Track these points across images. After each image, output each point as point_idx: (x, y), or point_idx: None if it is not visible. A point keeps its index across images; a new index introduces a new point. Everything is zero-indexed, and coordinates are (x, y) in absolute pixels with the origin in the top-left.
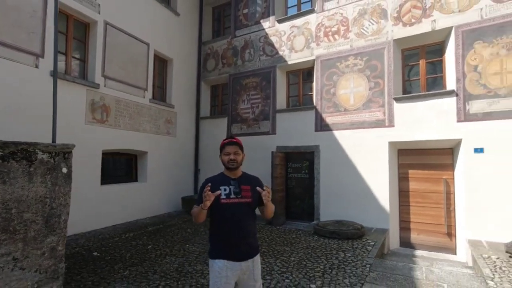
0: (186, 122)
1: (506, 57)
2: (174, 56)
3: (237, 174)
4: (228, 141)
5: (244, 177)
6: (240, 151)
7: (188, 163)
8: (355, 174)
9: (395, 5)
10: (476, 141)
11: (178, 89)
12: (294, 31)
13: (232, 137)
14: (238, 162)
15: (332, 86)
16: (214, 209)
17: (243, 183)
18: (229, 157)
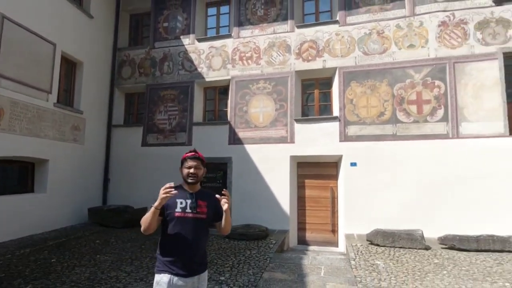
0: (96, 129)
1: (370, 95)
2: (85, 60)
3: (195, 189)
4: (191, 155)
5: (202, 193)
6: (202, 166)
7: (96, 172)
8: (263, 183)
9: (297, 43)
10: (352, 157)
11: (89, 94)
12: (212, 51)
13: (195, 151)
14: (198, 177)
15: (244, 105)
16: (167, 221)
17: (200, 198)
18: (190, 171)
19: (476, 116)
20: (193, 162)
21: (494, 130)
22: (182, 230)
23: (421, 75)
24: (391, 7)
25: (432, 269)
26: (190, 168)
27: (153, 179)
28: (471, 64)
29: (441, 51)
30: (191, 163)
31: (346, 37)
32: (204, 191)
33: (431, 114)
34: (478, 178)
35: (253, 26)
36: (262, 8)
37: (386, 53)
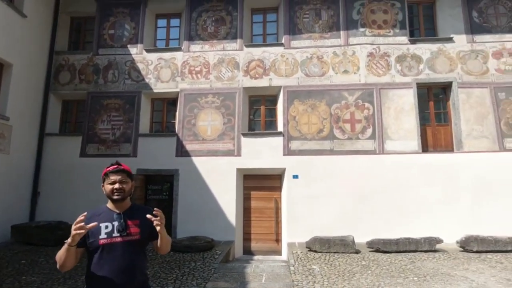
0: (24, 137)
1: (311, 113)
2: (15, 61)
3: (124, 207)
4: (112, 168)
5: (133, 210)
6: (129, 179)
7: (23, 185)
8: (209, 195)
9: (245, 61)
10: (294, 170)
11: (18, 99)
12: (161, 63)
13: (117, 163)
14: (126, 192)
15: (193, 117)
16: (91, 252)
17: (131, 217)
18: (114, 187)
19: (397, 135)
20: (117, 176)
21: (411, 148)
22: (111, 259)
23: (354, 98)
24: (329, 36)
25: (359, 270)
26: (114, 183)
27: (92, 192)
28: (393, 91)
29: (369, 78)
30: (115, 177)
31: (290, 59)
32: (136, 206)
33: (362, 132)
34: (398, 188)
35: (203, 41)
36: (212, 25)
37: (325, 76)
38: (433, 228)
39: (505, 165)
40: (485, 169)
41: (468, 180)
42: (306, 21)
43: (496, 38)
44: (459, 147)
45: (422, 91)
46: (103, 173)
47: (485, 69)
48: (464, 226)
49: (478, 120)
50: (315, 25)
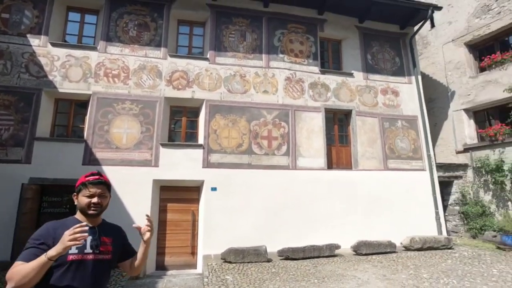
0: None
1: (231, 128)
2: None
3: (96, 222)
4: (93, 179)
5: (105, 226)
6: (108, 193)
7: None
8: (121, 208)
9: (169, 71)
10: (213, 182)
11: None
12: (71, 61)
13: (99, 174)
14: (103, 207)
15: (106, 124)
16: (53, 267)
17: (104, 233)
18: (92, 200)
19: (308, 153)
20: (97, 189)
21: (319, 165)
22: (79, 278)
23: (272, 116)
24: (252, 57)
25: (269, 277)
26: (92, 196)
27: None
28: (305, 113)
29: (286, 100)
30: (94, 189)
31: (215, 74)
32: (108, 224)
33: (277, 148)
34: (307, 201)
35: (123, 44)
36: (135, 29)
37: (246, 93)
38: (335, 235)
39: (387, 181)
40: (374, 184)
41: (362, 194)
42: (232, 40)
43: (383, 78)
44: (356, 166)
45: (329, 115)
46: (79, 182)
47: (375, 102)
48: (358, 233)
49: (370, 143)
50: (240, 45)
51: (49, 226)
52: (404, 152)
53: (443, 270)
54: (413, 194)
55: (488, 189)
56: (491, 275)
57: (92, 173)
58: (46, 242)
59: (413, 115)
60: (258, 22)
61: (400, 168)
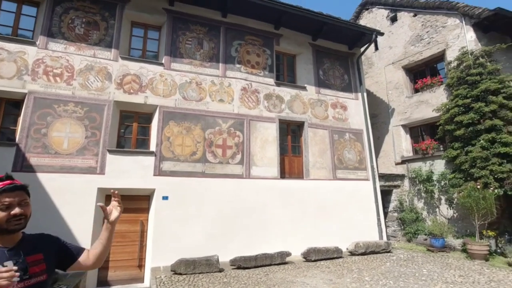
0: None
1: (186, 135)
2: None
3: (15, 240)
4: (7, 185)
5: (29, 241)
6: (29, 198)
7: None
8: (58, 219)
9: (120, 73)
10: (165, 191)
11: None
12: (2, 54)
13: (11, 177)
14: (28, 218)
15: (44, 126)
16: None
17: (30, 250)
18: (13, 212)
19: (262, 162)
20: (15, 197)
21: (272, 174)
22: None
23: (227, 125)
24: (209, 66)
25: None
26: (10, 206)
27: None
28: (260, 123)
29: (241, 109)
30: (11, 198)
31: (169, 80)
32: (30, 236)
33: (232, 157)
34: (260, 209)
35: (68, 42)
36: (82, 27)
37: (202, 101)
38: (286, 243)
39: (336, 190)
40: (323, 193)
41: (312, 202)
42: (189, 47)
43: (334, 93)
44: (307, 175)
45: (283, 126)
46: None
47: (326, 115)
48: (308, 240)
49: (321, 154)
50: (197, 53)
51: None
52: (351, 163)
53: (382, 272)
54: (358, 202)
55: (421, 197)
56: (422, 274)
57: (1, 178)
58: None
59: (359, 128)
60: (216, 31)
61: (347, 178)
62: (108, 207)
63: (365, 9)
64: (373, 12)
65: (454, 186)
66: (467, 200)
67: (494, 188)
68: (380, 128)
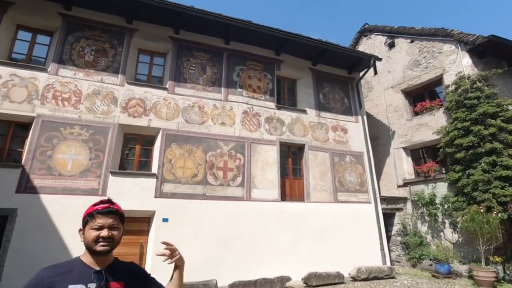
0: None
1: (187, 158)
2: None
3: (105, 263)
4: (103, 208)
5: (116, 268)
6: (121, 224)
7: None
8: (59, 242)
9: (125, 97)
10: (165, 213)
11: None
12: (15, 80)
13: (109, 201)
14: (115, 242)
15: (50, 149)
16: None
17: (114, 277)
18: (102, 234)
19: (262, 184)
20: (107, 219)
21: (272, 196)
22: None
23: (228, 148)
24: (211, 90)
25: None
26: (101, 228)
27: None
28: (261, 146)
29: (243, 132)
30: (103, 220)
31: (173, 104)
32: (120, 263)
33: (233, 179)
34: (260, 232)
35: (77, 68)
36: (92, 54)
37: (204, 124)
38: (286, 267)
39: (337, 213)
40: (324, 216)
41: (313, 225)
42: (192, 72)
43: (334, 116)
44: (308, 198)
45: (283, 148)
46: (87, 213)
47: (326, 138)
48: (308, 264)
49: (321, 176)
50: (200, 78)
51: (44, 274)
52: (352, 185)
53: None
54: (360, 225)
55: (424, 221)
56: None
57: (102, 200)
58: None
59: (360, 151)
60: (218, 57)
61: (349, 201)
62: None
63: (363, 36)
64: (372, 39)
65: (457, 210)
66: (470, 224)
67: (498, 212)
68: (381, 150)
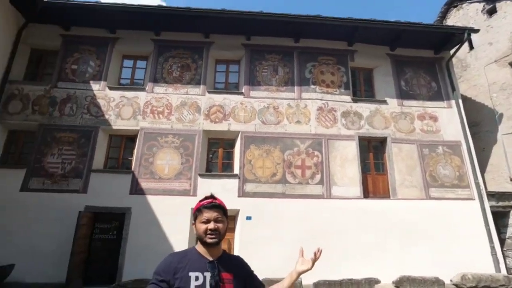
0: None
1: (266, 158)
2: None
3: (216, 254)
4: (207, 203)
5: (226, 260)
6: (225, 217)
7: None
8: (162, 235)
9: (207, 105)
10: (248, 212)
11: None
12: (123, 101)
13: (212, 196)
14: (221, 234)
15: (151, 156)
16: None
17: (225, 268)
18: (209, 226)
19: (342, 181)
20: (213, 213)
21: (354, 194)
22: None
23: (305, 146)
24: (284, 90)
25: None
26: (208, 221)
27: (29, 230)
28: (338, 142)
29: (319, 129)
30: (209, 214)
31: (249, 107)
32: (228, 256)
33: (311, 177)
34: (342, 231)
35: (167, 84)
36: (178, 70)
37: (279, 124)
38: (371, 269)
39: (429, 211)
40: (414, 214)
41: (401, 224)
42: (265, 74)
43: (420, 104)
44: (394, 194)
45: (363, 143)
46: (196, 208)
47: (412, 128)
48: (397, 267)
49: (408, 171)
50: (273, 79)
51: (171, 260)
52: (447, 180)
53: None
54: (460, 226)
55: None
56: None
57: (206, 196)
58: (165, 278)
59: (455, 140)
60: (289, 56)
61: (444, 197)
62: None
63: (452, 7)
64: (463, 8)
65: None
66: None
67: None
68: (484, 138)
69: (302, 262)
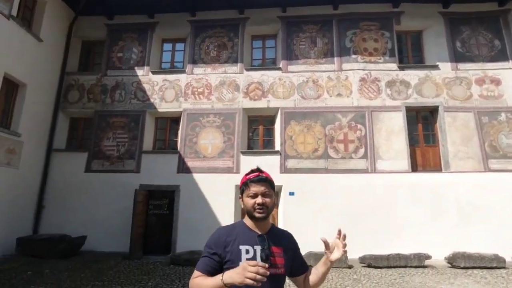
0: (34, 153)
1: (307, 133)
2: (30, 82)
3: (265, 228)
4: (254, 176)
5: (275, 234)
6: (272, 191)
7: (29, 199)
8: (209, 211)
9: (245, 83)
10: (290, 187)
11: (29, 116)
12: (166, 84)
13: (259, 170)
14: (269, 208)
15: (194, 136)
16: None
17: (274, 242)
18: (257, 201)
19: (388, 155)
20: (260, 187)
21: (401, 167)
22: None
23: (347, 119)
24: (324, 62)
25: (351, 284)
26: (255, 196)
27: (95, 206)
28: (383, 113)
29: (361, 101)
30: (257, 188)
31: (288, 82)
32: (277, 230)
33: (354, 152)
34: (389, 206)
35: (205, 64)
36: (215, 50)
37: (319, 98)
38: (422, 244)
39: (489, 185)
40: (470, 188)
41: (455, 198)
42: (303, 47)
43: (479, 66)
44: (446, 167)
45: (411, 114)
46: (242, 182)
47: (468, 95)
48: (451, 243)
49: (464, 142)
50: (311, 51)
51: (221, 233)
52: (511, 150)
53: None
54: None
55: None
56: None
57: (252, 170)
58: (217, 251)
59: None
60: (328, 25)
61: (507, 169)
62: (331, 243)
63: None
64: None
65: None
66: None
67: None
68: None
69: (337, 246)
